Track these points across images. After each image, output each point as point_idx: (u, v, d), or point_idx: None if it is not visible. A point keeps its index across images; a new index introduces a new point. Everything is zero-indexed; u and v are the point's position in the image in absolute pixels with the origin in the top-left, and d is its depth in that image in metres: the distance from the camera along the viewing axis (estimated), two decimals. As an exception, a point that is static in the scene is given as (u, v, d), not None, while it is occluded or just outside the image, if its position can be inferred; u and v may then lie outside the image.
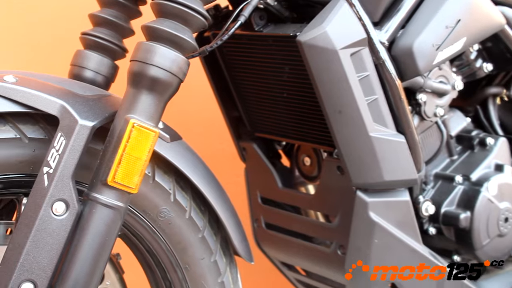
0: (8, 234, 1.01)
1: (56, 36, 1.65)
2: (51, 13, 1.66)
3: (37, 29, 1.66)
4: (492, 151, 1.34)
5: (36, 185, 0.89)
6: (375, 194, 1.16)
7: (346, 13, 1.08)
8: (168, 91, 0.96)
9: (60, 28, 1.65)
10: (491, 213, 1.28)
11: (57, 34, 1.65)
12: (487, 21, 1.25)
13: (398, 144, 1.14)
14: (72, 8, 1.53)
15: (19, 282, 0.87)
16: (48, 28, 1.66)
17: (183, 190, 1.07)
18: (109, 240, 0.92)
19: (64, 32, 1.51)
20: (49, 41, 1.65)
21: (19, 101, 0.91)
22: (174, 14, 0.97)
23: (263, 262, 1.44)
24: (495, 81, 1.45)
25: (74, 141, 0.90)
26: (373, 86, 1.10)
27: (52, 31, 1.66)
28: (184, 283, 1.10)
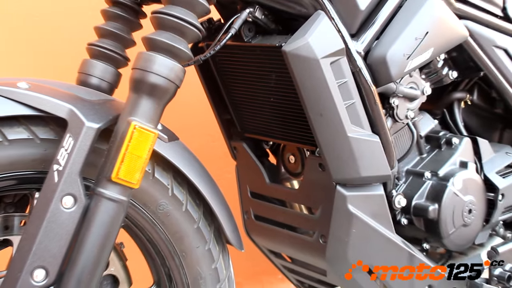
0: (22, 225, 1.01)
1: (65, 46, 1.64)
2: (61, 26, 1.66)
3: (49, 40, 1.65)
4: (457, 149, 1.35)
5: (47, 181, 0.89)
6: (353, 189, 1.16)
7: (326, 25, 1.08)
8: (166, 96, 0.96)
9: (68, 39, 1.65)
10: (456, 205, 1.29)
11: (66, 45, 1.65)
12: (452, 33, 1.25)
13: (373, 143, 1.15)
14: (80, 22, 1.52)
15: (32, 268, 0.88)
16: (58, 40, 1.66)
17: (180, 185, 1.08)
18: (113, 231, 0.93)
19: (72, 43, 1.51)
20: (59, 51, 1.65)
21: (32, 105, 0.91)
22: (171, 26, 0.98)
23: (252, 250, 1.44)
24: (459, 87, 1.46)
25: (81, 141, 0.90)
26: (350, 92, 1.11)
27: (61, 42, 1.66)
28: (181, 269, 1.10)
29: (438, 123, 1.42)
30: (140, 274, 1.14)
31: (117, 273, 1.10)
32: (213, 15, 1.20)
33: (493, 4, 1.38)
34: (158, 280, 1.15)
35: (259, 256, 1.49)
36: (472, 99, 1.48)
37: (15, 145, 0.91)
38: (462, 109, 1.48)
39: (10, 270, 0.89)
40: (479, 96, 1.50)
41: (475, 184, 1.34)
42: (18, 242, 0.95)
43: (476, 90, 1.49)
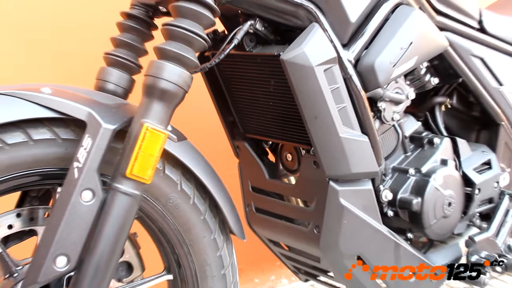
0: (45, 217, 1.01)
1: (84, 55, 1.64)
2: (80, 37, 1.66)
3: (70, 51, 1.65)
4: (438, 148, 1.34)
5: (68, 177, 0.89)
6: (344, 184, 1.16)
7: (320, 36, 1.08)
8: (175, 100, 0.96)
9: (87, 49, 1.65)
10: (437, 199, 1.28)
11: (84, 54, 1.64)
12: (434, 44, 1.25)
13: (363, 143, 1.15)
14: (97, 34, 1.52)
15: (55, 255, 0.88)
16: (78, 50, 1.66)
17: (188, 181, 1.07)
18: (127, 222, 0.93)
19: (90, 52, 1.51)
20: (79, 59, 1.65)
21: (54, 108, 0.91)
22: (180, 37, 0.98)
23: (253, 240, 1.44)
24: (440, 92, 1.46)
25: (99, 141, 0.90)
26: (342, 96, 1.11)
27: (81, 51, 1.66)
28: (189, 256, 1.10)
29: (421, 125, 1.42)
30: (152, 261, 1.14)
31: (131, 260, 1.10)
32: (217, 27, 1.20)
33: (470, 18, 1.38)
34: (168, 266, 1.15)
35: (260, 245, 1.49)
36: (451, 103, 1.48)
37: (39, 144, 0.91)
38: (443, 112, 1.48)
39: (35, 257, 0.89)
40: (458, 100, 1.49)
41: (454, 179, 1.34)
42: (42, 232, 0.95)
43: (455, 95, 1.49)
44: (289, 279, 2.08)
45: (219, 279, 1.12)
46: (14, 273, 0.95)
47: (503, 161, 1.50)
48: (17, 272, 0.96)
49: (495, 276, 2.03)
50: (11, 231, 0.98)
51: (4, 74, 1.56)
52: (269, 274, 2.09)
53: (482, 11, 1.42)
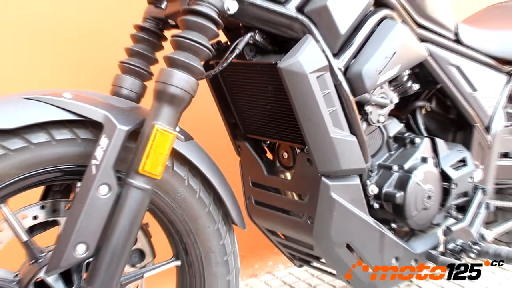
0: (66, 209, 1.01)
1: (101, 64, 1.64)
2: (99, 49, 1.66)
3: (89, 61, 1.65)
4: (419, 147, 1.35)
5: (86, 173, 0.89)
6: (335, 179, 1.16)
7: (313, 47, 1.08)
8: (183, 104, 0.96)
9: (104, 59, 1.65)
10: (418, 193, 1.29)
11: (102, 63, 1.65)
12: (415, 54, 1.25)
13: (351, 142, 1.15)
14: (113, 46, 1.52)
15: (75, 243, 0.88)
16: (96, 59, 1.66)
17: (194, 177, 1.07)
18: (140, 213, 0.93)
19: (106, 62, 1.51)
20: (97, 67, 1.65)
21: (74, 111, 0.91)
22: (187, 47, 0.98)
23: (253, 229, 1.44)
24: (421, 97, 1.46)
25: (114, 141, 0.90)
26: (333, 100, 1.11)
27: (99, 61, 1.66)
28: (195, 244, 1.10)
29: (404, 126, 1.42)
30: (162, 248, 1.14)
31: (144, 247, 1.10)
32: (221, 38, 1.20)
33: (447, 30, 1.38)
34: (176, 253, 1.15)
35: (259, 234, 1.49)
36: (431, 106, 1.48)
37: (61, 144, 0.92)
38: (423, 115, 1.48)
39: (57, 244, 0.89)
40: (436, 104, 1.49)
41: (433, 175, 1.34)
42: (63, 222, 0.96)
43: (434, 99, 1.49)
44: (285, 265, 2.08)
45: (222, 265, 1.12)
46: (39, 259, 0.96)
47: (476, 159, 1.50)
48: (42, 258, 0.96)
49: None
50: (36, 222, 0.98)
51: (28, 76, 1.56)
52: (267, 260, 2.09)
53: (458, 24, 1.42)
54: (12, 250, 1.00)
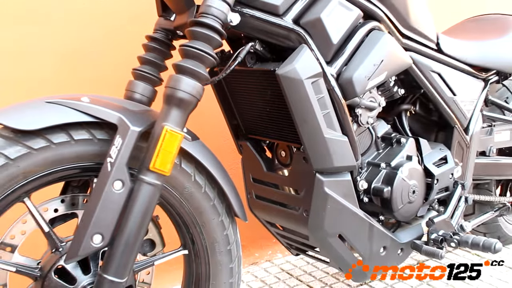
0: (84, 202, 1.01)
1: (115, 72, 1.64)
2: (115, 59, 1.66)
3: (105, 69, 1.65)
4: (404, 147, 1.34)
5: (102, 170, 0.89)
6: (328, 176, 1.16)
7: (308, 55, 1.08)
8: (190, 107, 0.96)
9: (118, 67, 1.64)
10: (404, 188, 1.28)
11: (116, 71, 1.64)
12: (400, 61, 1.25)
13: (343, 142, 1.15)
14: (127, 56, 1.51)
15: (92, 234, 0.88)
16: (111, 67, 1.65)
17: (200, 173, 1.07)
18: (151, 207, 0.92)
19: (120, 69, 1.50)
20: (112, 74, 1.64)
21: (92, 114, 0.91)
22: (194, 56, 0.97)
23: (254, 221, 1.44)
24: (406, 101, 1.45)
25: (127, 140, 0.90)
26: (326, 104, 1.10)
27: (113, 69, 1.65)
28: (201, 235, 1.09)
29: (391, 127, 1.41)
30: (171, 239, 1.13)
31: (154, 237, 1.09)
32: (224, 47, 1.20)
33: (429, 40, 1.38)
34: (184, 243, 1.14)
35: (259, 225, 1.49)
36: (415, 109, 1.48)
37: (79, 143, 0.91)
38: (408, 117, 1.47)
39: (76, 235, 0.89)
40: (420, 107, 1.49)
41: (418, 172, 1.34)
42: (81, 215, 0.95)
43: (418, 103, 1.48)
44: (283, 253, 2.08)
45: (226, 254, 1.12)
46: (59, 248, 0.96)
47: (456, 157, 1.50)
48: (62, 247, 0.96)
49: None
50: (57, 214, 0.98)
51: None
52: (266, 249, 2.09)
53: (439, 35, 1.42)
54: (35, 240, 1.00)
